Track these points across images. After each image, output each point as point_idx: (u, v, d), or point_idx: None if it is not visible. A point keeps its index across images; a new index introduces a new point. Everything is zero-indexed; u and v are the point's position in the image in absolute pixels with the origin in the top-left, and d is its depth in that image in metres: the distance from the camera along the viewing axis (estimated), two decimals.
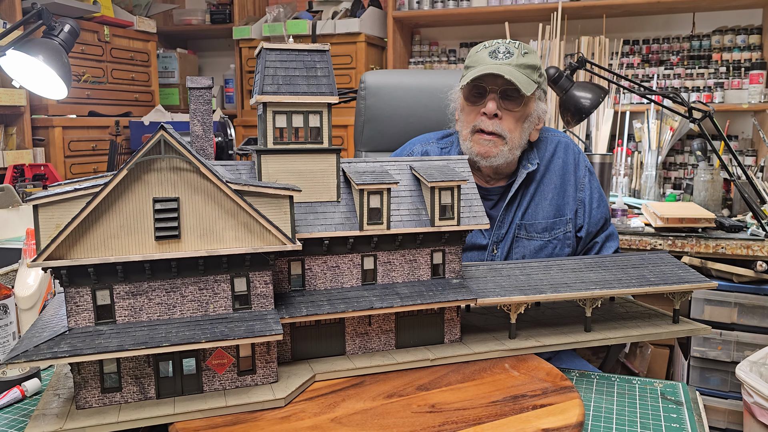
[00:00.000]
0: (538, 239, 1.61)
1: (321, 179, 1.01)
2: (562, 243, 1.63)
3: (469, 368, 1.03)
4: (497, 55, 1.53)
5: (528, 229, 1.61)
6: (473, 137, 1.55)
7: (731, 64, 3.26)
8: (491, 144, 1.53)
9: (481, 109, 1.54)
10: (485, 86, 1.53)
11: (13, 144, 3.23)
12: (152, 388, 0.89)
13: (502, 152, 1.54)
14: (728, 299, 2.24)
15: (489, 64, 1.52)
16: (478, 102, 1.56)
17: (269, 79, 0.97)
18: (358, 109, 2.25)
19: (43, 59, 1.95)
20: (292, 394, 0.92)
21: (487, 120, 1.53)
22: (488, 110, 1.52)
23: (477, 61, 1.55)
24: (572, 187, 1.66)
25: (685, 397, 1.02)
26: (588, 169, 1.70)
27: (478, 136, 1.54)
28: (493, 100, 1.52)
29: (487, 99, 1.53)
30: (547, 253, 1.62)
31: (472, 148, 1.55)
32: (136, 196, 0.84)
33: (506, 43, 1.56)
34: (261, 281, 0.92)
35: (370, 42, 3.82)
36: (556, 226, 1.62)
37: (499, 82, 1.51)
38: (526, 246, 1.62)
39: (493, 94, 1.53)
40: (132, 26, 3.93)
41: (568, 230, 1.63)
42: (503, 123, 1.53)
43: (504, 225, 1.61)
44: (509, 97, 1.53)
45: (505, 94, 1.53)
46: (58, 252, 0.82)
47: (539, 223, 1.61)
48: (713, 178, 2.66)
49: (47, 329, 0.87)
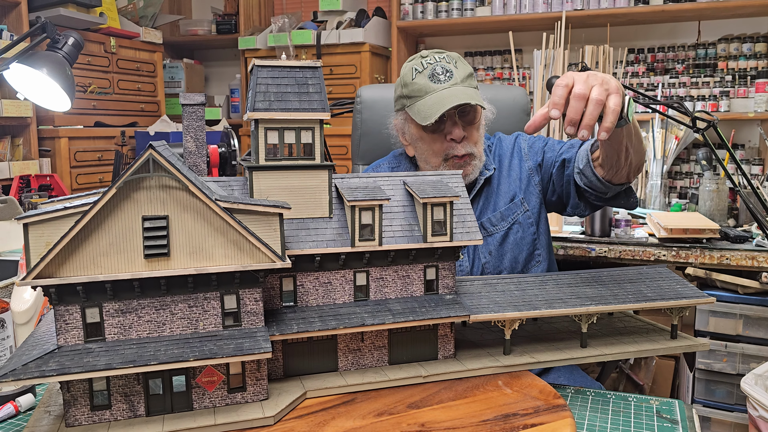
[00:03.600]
0: (498, 231, 1.64)
1: (313, 195, 1.01)
2: (523, 225, 1.65)
3: (462, 385, 1.02)
4: (439, 79, 1.51)
5: (485, 226, 1.65)
6: (448, 164, 1.57)
7: (737, 73, 3.24)
8: (466, 165, 1.57)
9: (448, 137, 1.54)
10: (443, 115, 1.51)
11: (20, 155, 3.25)
12: (142, 405, 0.89)
13: (476, 167, 1.59)
14: (733, 311, 2.22)
15: (436, 90, 1.50)
16: (440, 130, 1.56)
17: (261, 95, 0.97)
18: (355, 122, 2.26)
19: (47, 72, 1.96)
20: (281, 412, 0.91)
21: (458, 145, 1.55)
22: (456, 136, 1.54)
23: (421, 90, 1.52)
24: (517, 166, 1.69)
25: (681, 415, 1.00)
26: (526, 140, 1.73)
27: (452, 162, 1.56)
28: (456, 125, 1.53)
29: (449, 125, 1.54)
30: (512, 240, 1.64)
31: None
32: (126, 214, 0.84)
33: (438, 62, 1.54)
34: (251, 299, 0.92)
35: (374, 52, 3.83)
36: (511, 211, 1.65)
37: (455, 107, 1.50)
38: (489, 242, 1.65)
39: (452, 119, 1.54)
40: (138, 37, 3.97)
41: (525, 209, 1.66)
42: (469, 140, 1.56)
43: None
44: (466, 115, 1.55)
45: (461, 113, 1.55)
46: (48, 270, 0.82)
47: (493, 216, 1.65)
48: (719, 188, 2.64)
49: (37, 347, 0.88)
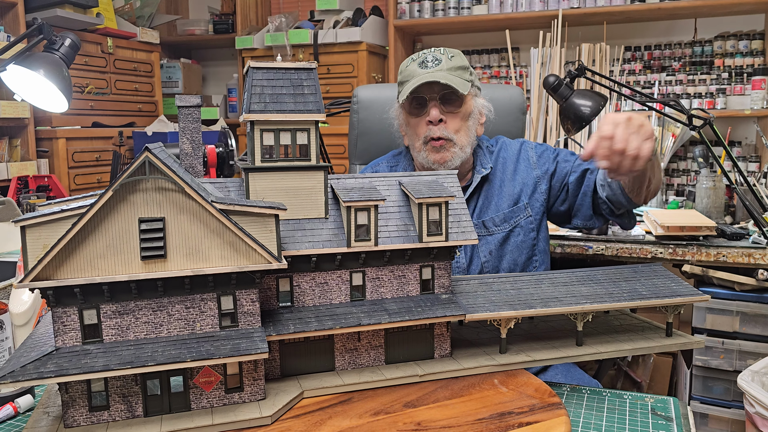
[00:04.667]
0: (499, 232, 1.67)
1: (309, 196, 1.02)
2: (525, 229, 1.69)
3: (458, 384, 1.03)
4: (427, 65, 1.61)
5: (487, 225, 1.68)
6: (427, 147, 1.62)
7: (733, 70, 3.25)
8: (443, 150, 1.61)
9: (426, 119, 1.61)
10: (424, 96, 1.60)
11: (18, 156, 3.26)
12: (140, 406, 0.90)
13: (455, 154, 1.62)
14: (730, 308, 2.22)
15: (421, 74, 1.59)
16: (421, 112, 1.63)
17: (256, 97, 0.98)
18: (352, 122, 2.26)
19: (44, 73, 1.96)
20: (279, 412, 0.92)
21: (434, 127, 1.60)
22: (432, 117, 1.59)
23: (410, 75, 1.62)
24: (523, 171, 1.72)
25: (676, 412, 1.01)
26: (534, 148, 1.76)
27: (431, 145, 1.62)
28: (435, 106, 1.60)
29: (429, 107, 1.61)
30: (512, 242, 1.67)
31: (428, 158, 1.62)
32: (122, 216, 0.85)
33: (432, 52, 1.64)
34: (247, 299, 0.93)
35: (371, 51, 3.83)
36: (515, 214, 1.68)
37: (436, 89, 1.59)
38: (490, 241, 1.67)
39: (433, 102, 1.60)
40: (135, 37, 3.96)
41: (528, 215, 1.69)
42: (448, 126, 1.61)
43: None
44: (448, 101, 1.61)
45: (444, 98, 1.61)
46: (45, 272, 0.83)
47: (497, 216, 1.68)
48: (715, 185, 2.65)
49: (36, 348, 0.88)
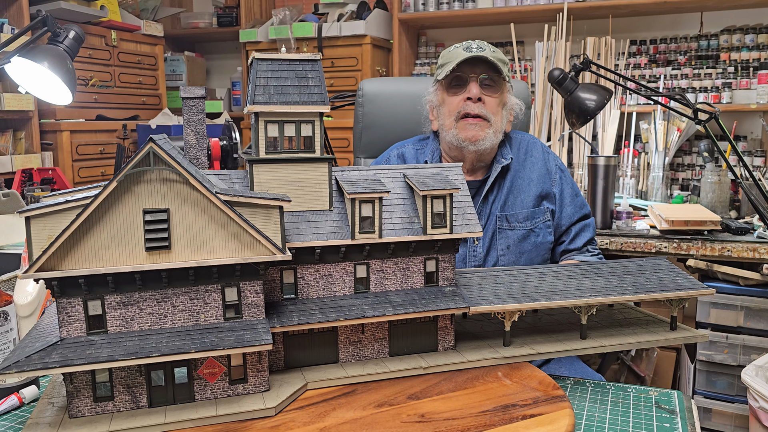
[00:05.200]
0: (521, 228, 1.67)
1: (313, 188, 1.02)
2: (543, 231, 1.69)
3: (462, 376, 1.03)
4: (471, 49, 1.62)
5: (509, 220, 1.67)
6: (458, 124, 1.62)
7: (739, 64, 3.23)
8: (477, 128, 1.60)
9: (465, 96, 1.61)
10: (465, 75, 1.62)
11: (22, 148, 3.26)
12: (144, 397, 0.90)
13: (488, 135, 1.61)
14: (734, 302, 2.22)
15: (464, 55, 1.60)
16: (460, 90, 1.64)
17: (261, 89, 0.97)
18: (356, 115, 2.26)
19: (48, 66, 1.96)
20: (282, 403, 0.92)
21: (472, 104, 1.60)
22: (473, 94, 1.60)
23: (453, 56, 1.63)
24: (548, 182, 1.73)
25: (680, 405, 1.01)
26: (558, 167, 1.77)
27: (464, 122, 1.61)
28: (476, 85, 1.61)
29: (470, 85, 1.61)
30: (532, 241, 1.68)
31: (458, 135, 1.61)
32: (127, 207, 0.85)
33: (477, 41, 1.65)
34: (252, 291, 0.93)
35: (375, 44, 3.82)
36: (537, 215, 1.69)
37: (478, 71, 1.61)
38: (510, 236, 1.67)
39: (473, 80, 1.61)
40: (139, 30, 3.96)
41: (547, 218, 1.70)
42: (487, 106, 1.61)
43: (482, 218, 1.68)
44: (487, 85, 1.62)
45: (483, 82, 1.62)
46: (50, 263, 0.83)
47: (520, 213, 1.68)
48: (720, 180, 2.64)
49: (40, 339, 0.88)
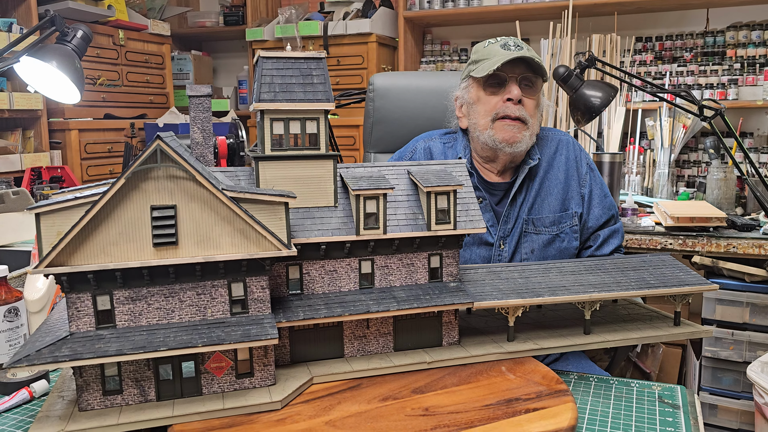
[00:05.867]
0: (546, 233, 1.63)
1: (318, 185, 1.03)
2: (569, 236, 1.65)
3: (466, 371, 1.04)
4: (510, 47, 1.56)
5: (536, 224, 1.63)
6: (495, 125, 1.57)
7: (746, 61, 3.22)
8: (515, 129, 1.55)
9: (504, 96, 1.56)
10: (505, 74, 1.55)
11: (31, 147, 3.29)
12: (152, 390, 0.91)
13: (524, 138, 1.56)
14: (740, 299, 2.22)
15: (504, 54, 1.54)
16: (498, 91, 1.58)
17: (266, 87, 0.99)
18: (367, 110, 2.27)
19: (56, 65, 1.98)
20: (288, 397, 0.93)
21: (512, 105, 1.55)
22: (514, 96, 1.54)
23: (490, 53, 1.57)
24: (576, 182, 1.68)
25: (683, 400, 1.02)
26: (589, 166, 1.73)
27: (501, 123, 1.56)
28: (516, 86, 1.55)
29: (510, 86, 1.56)
30: (556, 246, 1.64)
31: (495, 136, 1.56)
32: (134, 204, 0.86)
33: (512, 38, 1.60)
34: (258, 286, 0.94)
35: (381, 42, 3.82)
36: (563, 220, 1.65)
37: (518, 71, 1.55)
38: (535, 240, 1.64)
39: (513, 81, 1.56)
40: (146, 29, 3.98)
41: (574, 223, 1.65)
42: (526, 108, 1.56)
43: (510, 220, 1.63)
44: (527, 86, 1.57)
45: (522, 83, 1.57)
46: (59, 259, 0.85)
47: (546, 218, 1.64)
48: (726, 177, 2.63)
49: (50, 333, 0.90)
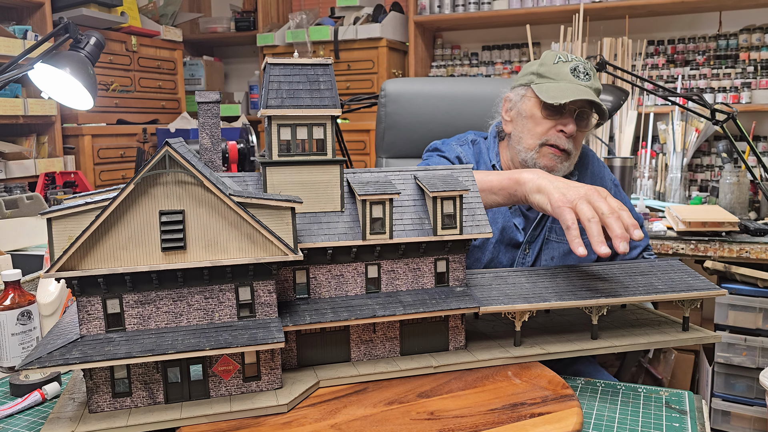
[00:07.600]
0: (566, 242, 1.62)
1: (325, 190, 1.04)
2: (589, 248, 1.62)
3: (472, 375, 1.04)
4: (579, 75, 1.57)
5: (558, 233, 1.64)
6: (542, 150, 1.58)
7: (759, 64, 3.19)
8: (558, 159, 1.58)
9: (558, 126, 1.57)
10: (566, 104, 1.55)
11: (45, 152, 3.33)
12: (161, 393, 0.93)
13: (564, 167, 1.59)
14: (753, 304, 2.20)
15: (573, 82, 1.55)
16: (554, 117, 1.58)
17: (273, 93, 1.00)
18: (379, 116, 2.28)
19: (70, 71, 2.01)
20: (295, 400, 0.94)
21: (564, 138, 1.57)
22: (569, 131, 1.56)
23: (559, 75, 1.57)
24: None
25: (690, 406, 1.01)
26: (613, 182, 1.74)
27: (548, 150, 1.58)
28: (572, 121, 1.56)
29: (567, 118, 1.57)
30: (575, 257, 1.61)
31: (537, 161, 1.58)
32: (143, 209, 0.87)
33: (583, 62, 1.59)
34: (265, 290, 0.95)
35: (391, 47, 3.84)
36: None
37: (578, 103, 1.55)
38: (555, 248, 1.64)
39: (571, 115, 1.57)
40: (159, 35, 4.02)
41: None
42: (574, 141, 1.58)
43: (539, 226, 1.64)
44: (584, 118, 1.58)
45: (580, 114, 1.58)
46: (70, 263, 0.86)
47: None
48: (739, 181, 2.61)
49: (61, 336, 0.91)
